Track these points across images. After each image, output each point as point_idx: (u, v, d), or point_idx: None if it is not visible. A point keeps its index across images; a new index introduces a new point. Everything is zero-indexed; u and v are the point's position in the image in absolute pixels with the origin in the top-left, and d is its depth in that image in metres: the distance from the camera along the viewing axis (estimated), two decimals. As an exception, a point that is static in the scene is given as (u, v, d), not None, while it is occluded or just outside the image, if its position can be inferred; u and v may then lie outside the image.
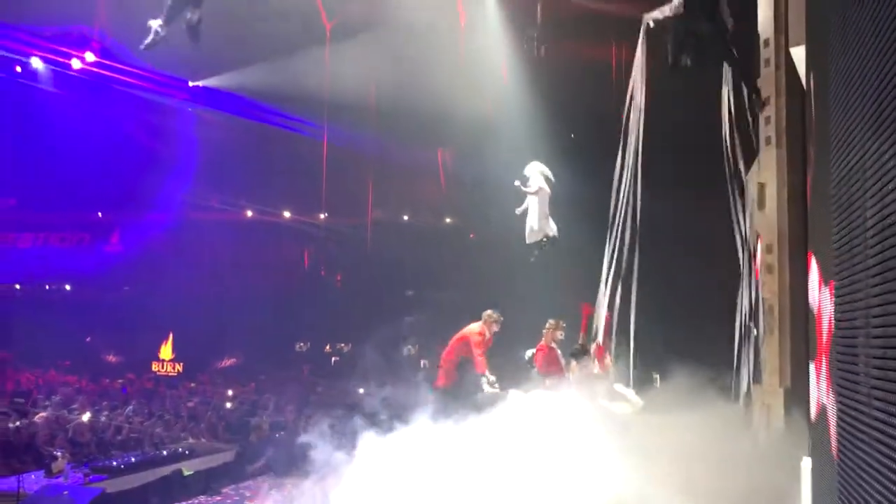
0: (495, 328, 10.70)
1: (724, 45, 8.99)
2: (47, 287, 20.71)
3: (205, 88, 18.58)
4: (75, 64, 17.89)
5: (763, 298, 9.76)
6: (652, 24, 9.13)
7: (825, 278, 4.87)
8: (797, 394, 8.34)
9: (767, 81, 9.59)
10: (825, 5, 3.34)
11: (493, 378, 10.32)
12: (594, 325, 10.75)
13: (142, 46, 6.01)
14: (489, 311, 10.77)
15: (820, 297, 5.18)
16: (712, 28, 8.79)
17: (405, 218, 21.28)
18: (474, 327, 10.64)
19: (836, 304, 4.25)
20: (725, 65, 9.56)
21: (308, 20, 15.22)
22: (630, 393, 9.72)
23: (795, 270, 9.55)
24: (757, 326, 10.71)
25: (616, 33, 15.30)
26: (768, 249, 9.76)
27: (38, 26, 16.71)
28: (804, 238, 8.83)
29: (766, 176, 9.71)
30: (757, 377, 9.72)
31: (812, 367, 5.84)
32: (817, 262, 5.43)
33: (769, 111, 9.75)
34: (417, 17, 15.98)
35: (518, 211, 11.83)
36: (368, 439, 8.91)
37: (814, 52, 3.23)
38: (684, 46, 8.86)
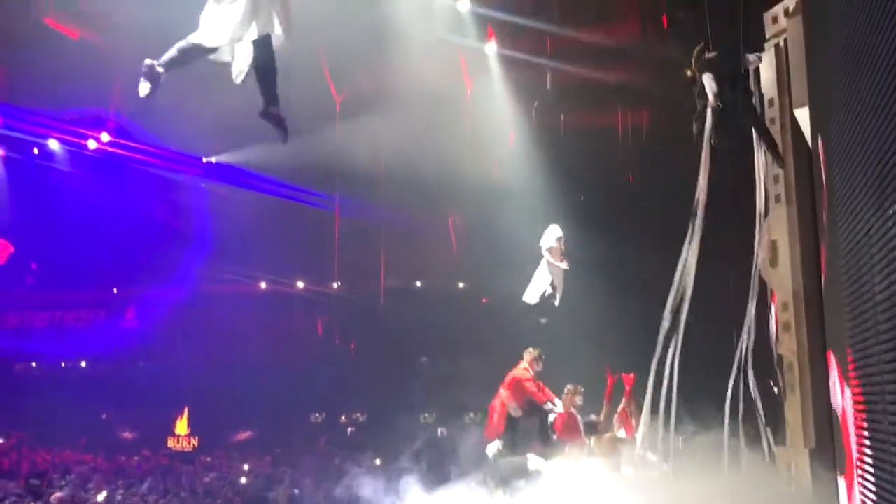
0: (538, 366, 10.68)
1: (754, 113, 9.01)
2: (63, 365, 20.72)
3: (217, 164, 18.92)
4: (91, 144, 18.30)
5: (781, 356, 9.68)
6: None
7: (844, 377, 4.77)
8: (823, 454, 8.20)
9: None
10: (825, 70, 3.41)
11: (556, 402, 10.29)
12: (619, 391, 10.66)
13: (141, 94, 5.87)
14: (530, 349, 10.76)
15: (843, 401, 5.05)
16: (745, 99, 8.82)
17: (418, 284, 21.31)
18: (520, 368, 10.64)
19: (861, 411, 4.12)
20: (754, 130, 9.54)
21: (318, 94, 15.54)
22: (656, 458, 9.57)
23: (813, 328, 9.49)
24: (776, 384, 10.59)
25: (620, 99, 15.57)
26: (784, 307, 9.71)
27: (54, 110, 17.13)
28: (819, 296, 8.81)
29: (777, 233, 9.73)
30: (780, 438, 9.57)
31: (842, 483, 5.60)
32: (836, 362, 5.33)
33: (776, 169, 9.83)
34: (425, 87, 16.31)
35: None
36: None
37: (817, 116, 3.28)
38: (722, 127, 8.90)
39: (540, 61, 14.83)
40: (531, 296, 11.90)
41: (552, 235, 12.11)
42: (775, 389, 10.58)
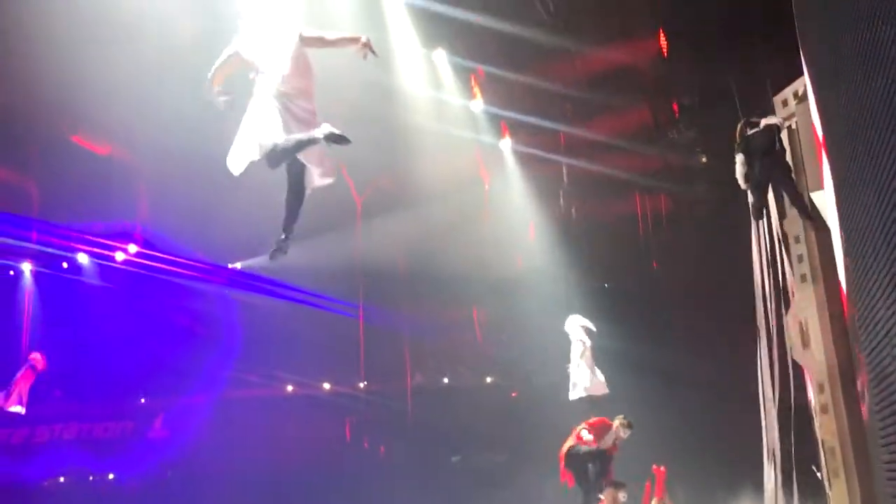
0: (623, 434, 10.59)
1: (790, 180, 9.08)
2: (91, 478, 20.52)
3: (242, 272, 19.18)
4: (119, 256, 18.64)
5: (823, 441, 9.41)
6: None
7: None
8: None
9: (794, 221, 9.69)
10: (837, 161, 3.45)
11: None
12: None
13: (270, 258, 6.43)
14: (620, 417, 10.74)
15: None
16: (782, 170, 8.91)
17: (445, 381, 21.12)
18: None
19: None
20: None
21: (340, 197, 15.80)
22: None
23: (852, 408, 9.26)
24: (819, 470, 10.26)
25: (640, 187, 15.71)
26: (820, 389, 9.52)
27: (83, 223, 17.54)
28: (853, 374, 8.62)
29: (807, 313, 9.62)
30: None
31: None
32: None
33: (801, 248, 9.80)
34: (444, 184, 16.59)
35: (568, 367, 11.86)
36: None
37: (841, 206, 3.31)
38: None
39: (554, 156, 15.09)
40: (573, 393, 11.95)
41: (575, 324, 12.15)
42: (819, 475, 10.25)
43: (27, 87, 12.22)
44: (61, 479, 20.40)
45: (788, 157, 9.35)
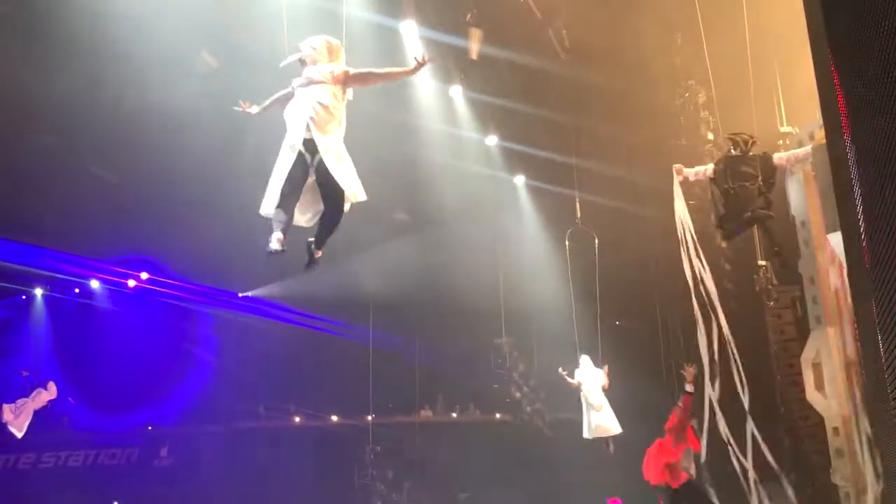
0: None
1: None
2: (96, 506, 20.39)
3: (253, 298, 19.21)
4: (131, 283, 18.74)
5: (839, 486, 9.24)
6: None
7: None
8: None
9: (809, 261, 9.60)
10: (867, 201, 3.37)
11: None
12: None
13: (270, 251, 6.45)
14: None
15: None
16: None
17: (453, 415, 20.95)
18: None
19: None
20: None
21: (353, 227, 15.77)
22: None
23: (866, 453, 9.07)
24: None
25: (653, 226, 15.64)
26: (835, 433, 9.36)
27: (96, 252, 17.64)
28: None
29: (821, 355, 9.49)
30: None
31: None
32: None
33: (814, 291, 9.69)
34: (457, 218, 16.60)
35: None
36: None
37: (849, 248, 3.23)
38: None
39: (567, 191, 15.07)
40: (588, 433, 11.91)
41: (585, 364, 12.12)
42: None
43: (41, 116, 12.37)
44: (67, 507, 20.28)
45: (802, 199, 9.29)
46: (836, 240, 7.73)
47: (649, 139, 14.19)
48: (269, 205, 6.57)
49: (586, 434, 12.14)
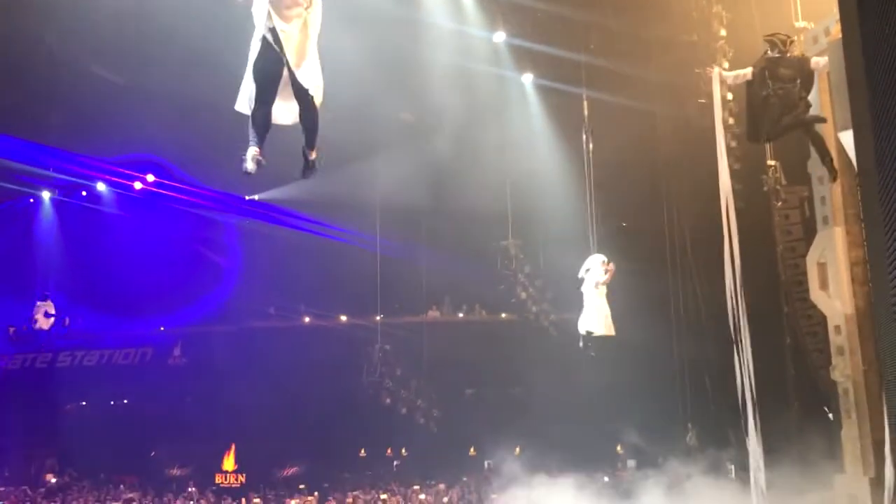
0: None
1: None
2: (112, 403, 20.97)
3: (261, 203, 19.18)
4: (137, 186, 18.70)
5: (837, 382, 9.43)
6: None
7: None
8: (882, 483, 7.91)
9: (818, 162, 9.50)
10: (867, 93, 3.32)
11: None
12: None
13: (245, 171, 6.27)
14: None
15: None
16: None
17: (460, 315, 21.23)
18: None
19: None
20: None
21: (360, 128, 15.62)
22: None
23: (867, 350, 9.23)
24: (831, 410, 10.29)
25: (659, 126, 15.44)
26: (837, 331, 9.48)
27: (102, 154, 17.54)
28: (871, 318, 8.56)
29: (826, 256, 9.53)
30: (839, 466, 9.29)
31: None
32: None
33: (824, 190, 9.65)
34: (464, 118, 16.36)
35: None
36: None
37: (860, 141, 3.19)
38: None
39: (576, 90, 14.78)
40: (584, 325, 11.98)
41: (594, 262, 12.15)
42: (831, 416, 10.29)
43: (46, 15, 12.12)
44: (83, 403, 20.90)
45: (818, 95, 9.11)
46: (846, 139, 7.63)
47: (661, 35, 13.85)
48: (243, 100, 6.33)
49: (581, 328, 12.17)
